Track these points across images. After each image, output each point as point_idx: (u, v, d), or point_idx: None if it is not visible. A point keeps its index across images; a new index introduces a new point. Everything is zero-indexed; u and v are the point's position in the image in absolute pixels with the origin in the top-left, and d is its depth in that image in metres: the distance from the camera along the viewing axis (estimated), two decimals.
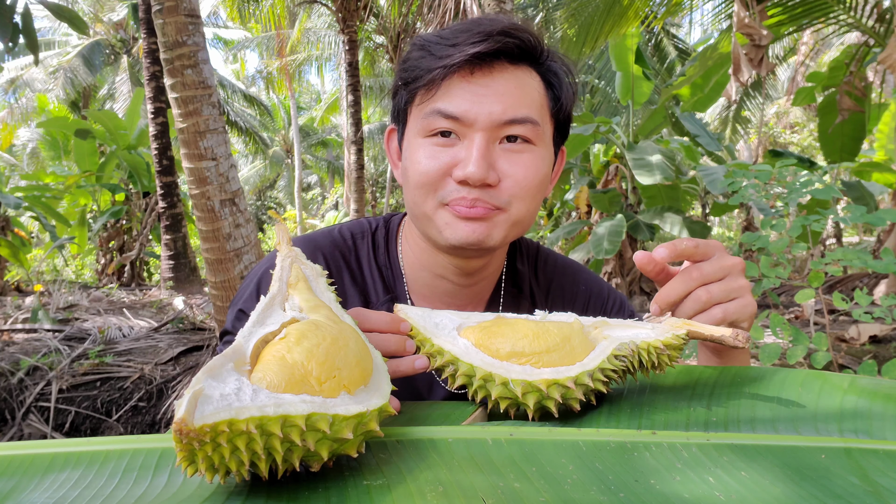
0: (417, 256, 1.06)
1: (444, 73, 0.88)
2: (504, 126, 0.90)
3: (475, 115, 0.88)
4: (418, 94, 0.93)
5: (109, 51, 19.05)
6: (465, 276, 1.04)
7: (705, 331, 0.68)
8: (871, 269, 2.21)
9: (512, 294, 1.13)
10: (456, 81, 0.89)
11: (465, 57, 0.87)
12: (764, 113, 14.08)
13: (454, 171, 0.90)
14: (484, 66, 0.89)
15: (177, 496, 0.50)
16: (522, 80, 0.92)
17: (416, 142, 0.93)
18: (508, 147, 0.91)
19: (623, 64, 7.10)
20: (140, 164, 10.38)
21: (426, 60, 0.91)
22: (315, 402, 0.49)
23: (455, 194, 0.90)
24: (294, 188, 22.46)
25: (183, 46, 4.56)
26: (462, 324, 0.73)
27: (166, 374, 4.55)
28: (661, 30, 11.53)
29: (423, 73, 0.91)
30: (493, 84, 0.90)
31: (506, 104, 0.89)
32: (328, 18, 17.73)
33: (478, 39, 0.88)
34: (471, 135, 0.89)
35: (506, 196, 0.91)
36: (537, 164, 0.93)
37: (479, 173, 0.87)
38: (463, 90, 0.89)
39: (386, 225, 1.13)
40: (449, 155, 0.90)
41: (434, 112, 0.90)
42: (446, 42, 0.90)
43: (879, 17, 5.49)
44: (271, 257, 1.05)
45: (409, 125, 0.96)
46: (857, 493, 0.48)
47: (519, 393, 0.63)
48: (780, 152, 7.33)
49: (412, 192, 0.94)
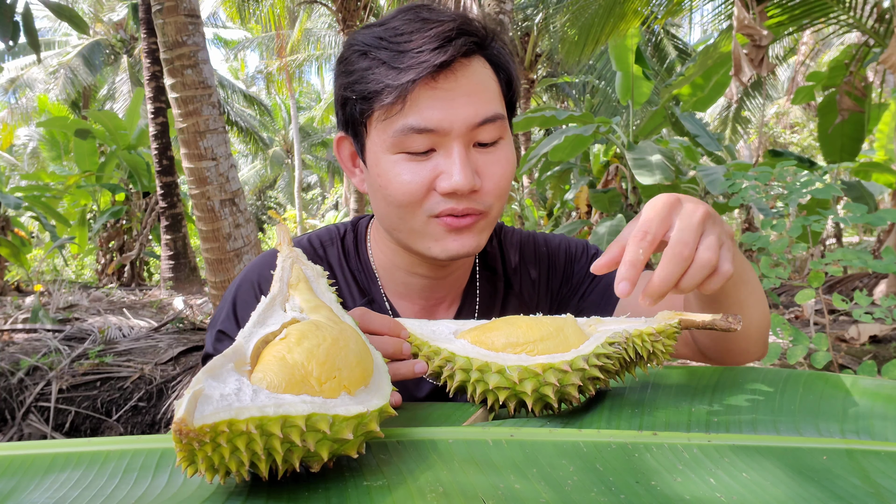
0: (389, 258, 1.05)
1: (409, 88, 0.83)
2: (477, 128, 0.87)
3: (450, 123, 0.85)
4: (377, 110, 0.87)
5: (109, 51, 19.05)
6: (440, 269, 1.03)
7: (697, 318, 0.68)
8: (871, 269, 2.21)
9: (486, 277, 1.13)
10: (421, 91, 0.84)
11: (431, 70, 0.82)
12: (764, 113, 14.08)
13: (438, 183, 0.87)
14: (446, 70, 0.85)
15: (177, 496, 0.50)
16: (480, 73, 0.89)
17: (387, 158, 0.89)
18: (481, 149, 0.90)
19: (623, 64, 7.10)
20: (140, 164, 10.38)
21: (381, 72, 0.85)
22: (315, 402, 0.49)
23: (443, 206, 0.88)
24: (294, 188, 22.47)
25: (183, 46, 4.56)
26: (458, 329, 0.75)
27: (166, 374, 4.55)
28: (661, 30, 11.53)
29: (381, 87, 0.85)
30: (457, 87, 0.86)
31: (476, 105, 0.86)
32: (328, 18, 17.74)
33: (437, 45, 0.83)
34: (447, 144, 0.86)
35: (489, 199, 0.90)
36: (509, 158, 0.92)
37: (467, 183, 0.85)
38: (431, 99, 0.85)
39: (354, 229, 1.12)
40: (429, 168, 0.87)
41: (405, 129, 0.85)
42: (395, 47, 0.85)
43: (879, 17, 5.49)
44: (247, 273, 1.05)
45: (370, 138, 0.91)
46: (859, 495, 0.48)
47: (516, 379, 0.63)
48: (780, 152, 7.33)
49: (393, 210, 0.91)
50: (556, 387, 0.62)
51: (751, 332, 0.92)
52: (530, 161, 7.63)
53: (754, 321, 0.92)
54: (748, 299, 0.89)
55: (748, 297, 0.89)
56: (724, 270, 0.68)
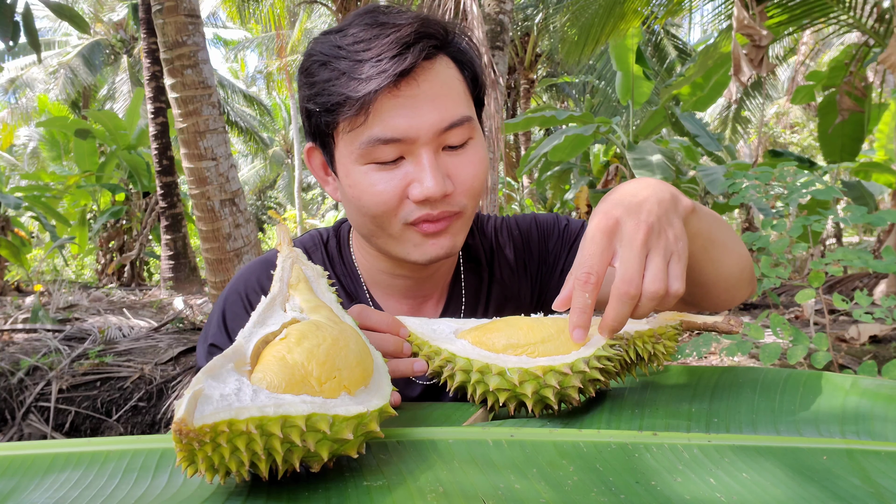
0: (371, 262, 1.05)
1: (371, 99, 0.81)
2: (445, 133, 0.86)
3: (416, 131, 0.84)
4: (341, 121, 0.85)
5: (109, 51, 19.05)
6: (423, 270, 1.03)
7: (699, 320, 0.68)
8: (871, 268, 2.21)
9: (471, 269, 1.13)
10: (384, 101, 0.83)
11: (392, 79, 0.81)
12: (764, 113, 14.07)
13: (411, 191, 0.86)
14: (408, 77, 0.83)
15: (177, 497, 0.50)
16: (443, 75, 0.87)
17: (356, 169, 0.88)
18: (451, 152, 0.89)
19: (623, 64, 7.11)
20: (140, 164, 10.38)
21: (342, 83, 0.83)
22: (315, 402, 0.49)
23: (418, 213, 0.87)
24: (294, 188, 22.47)
25: (183, 46, 4.56)
26: (459, 328, 0.75)
27: (166, 374, 4.55)
28: (661, 30, 11.53)
29: (343, 98, 0.83)
30: (420, 93, 0.84)
31: (441, 110, 0.85)
32: (328, 18, 17.73)
33: (397, 52, 0.81)
34: (416, 151, 0.85)
35: (462, 199, 0.90)
36: (481, 157, 0.92)
37: (438, 188, 0.84)
38: (394, 108, 0.83)
39: (336, 234, 1.12)
40: (399, 176, 0.86)
41: (372, 141, 0.84)
42: (354, 56, 0.83)
43: (879, 17, 5.49)
44: (234, 284, 1.05)
45: (338, 149, 0.90)
46: (859, 495, 0.48)
47: (516, 381, 0.63)
48: (779, 152, 7.33)
49: (368, 219, 0.91)
50: (557, 389, 0.62)
51: (730, 281, 0.93)
52: (530, 161, 7.63)
53: (732, 271, 0.92)
54: (721, 257, 0.89)
55: (720, 255, 0.89)
56: (675, 290, 0.67)
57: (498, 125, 4.41)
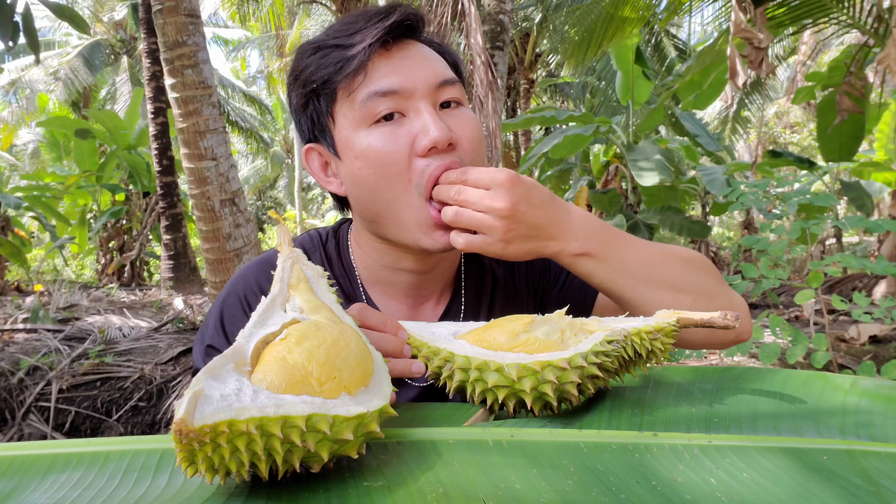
0: (373, 258, 1.04)
1: (367, 54, 0.87)
2: (440, 89, 0.90)
3: (412, 83, 0.88)
4: (340, 89, 0.90)
5: (109, 51, 19.03)
6: (426, 263, 1.03)
7: (695, 316, 0.69)
8: (869, 270, 2.22)
9: (473, 271, 1.12)
10: (377, 62, 0.88)
11: (384, 30, 0.87)
12: (764, 113, 14.07)
13: (418, 143, 0.87)
14: (398, 42, 0.90)
15: (177, 497, 0.50)
16: (427, 51, 0.94)
17: (358, 134, 0.90)
18: (447, 111, 0.92)
19: (623, 64, 7.11)
20: (140, 164, 10.38)
21: (336, 53, 0.89)
22: (315, 402, 0.49)
23: (430, 168, 0.88)
24: (294, 188, 22.47)
25: (183, 46, 4.56)
26: (458, 331, 0.75)
27: (166, 374, 4.55)
28: (661, 30, 11.53)
29: (339, 63, 0.88)
30: (410, 55, 0.91)
31: (433, 67, 0.91)
32: (327, 18, 17.73)
33: (381, 15, 0.89)
34: (414, 105, 0.89)
35: (466, 156, 0.92)
36: (475, 120, 0.95)
37: (444, 134, 0.86)
38: (388, 66, 0.89)
39: (335, 235, 1.11)
40: (405, 132, 0.88)
41: (370, 96, 0.87)
42: (344, 33, 0.90)
43: (878, 18, 5.49)
44: (232, 285, 1.05)
45: (338, 126, 0.92)
46: (860, 494, 0.48)
47: (514, 376, 0.63)
48: (779, 153, 7.33)
49: (384, 189, 0.90)
50: (555, 384, 0.62)
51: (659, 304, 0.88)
52: (530, 160, 7.63)
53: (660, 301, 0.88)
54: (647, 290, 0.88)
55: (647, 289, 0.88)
56: None
57: (497, 125, 4.40)
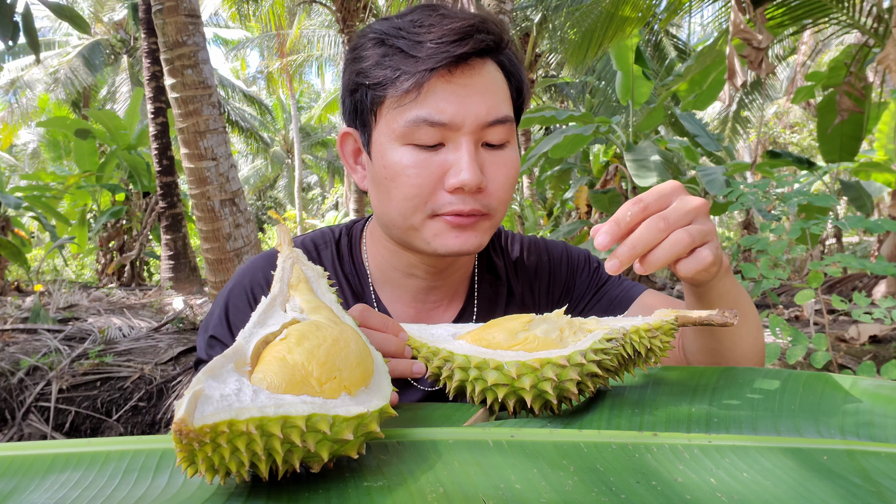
0: (386, 259, 1.03)
1: (426, 77, 0.83)
2: (488, 128, 0.87)
3: (462, 118, 0.85)
4: (390, 97, 0.86)
5: (109, 51, 19.03)
6: (438, 271, 1.02)
7: (693, 314, 0.69)
8: (869, 270, 2.22)
9: (488, 281, 1.11)
10: (437, 83, 0.84)
11: (450, 60, 0.82)
12: (764, 113, 14.08)
13: (447, 179, 0.86)
14: (463, 65, 0.85)
15: (177, 497, 0.50)
16: (493, 75, 0.89)
17: (394, 147, 0.87)
18: (488, 150, 0.89)
19: (623, 64, 7.11)
20: (140, 164, 10.38)
21: (398, 59, 0.85)
22: (315, 402, 0.49)
23: (449, 207, 0.87)
24: (294, 188, 22.47)
25: (183, 46, 4.56)
26: (457, 332, 0.75)
27: (166, 374, 4.55)
28: (661, 30, 11.54)
29: (398, 73, 0.84)
30: (472, 84, 0.85)
31: (488, 104, 0.86)
32: (327, 18, 17.74)
33: (456, 38, 0.83)
34: (457, 139, 0.86)
35: (493, 201, 0.89)
36: (515, 162, 0.92)
37: (475, 179, 0.84)
38: (446, 93, 0.84)
39: (349, 232, 1.11)
40: (437, 163, 0.86)
41: (418, 120, 0.84)
42: (413, 37, 0.85)
43: (878, 18, 5.49)
44: (239, 277, 1.04)
45: (378, 128, 0.89)
46: (861, 494, 0.48)
47: (514, 374, 0.63)
48: (778, 153, 7.33)
49: (396, 204, 0.90)
50: (555, 382, 0.63)
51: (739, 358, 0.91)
52: (530, 160, 7.63)
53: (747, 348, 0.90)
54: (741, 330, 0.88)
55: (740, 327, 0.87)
56: (703, 256, 0.68)
57: None
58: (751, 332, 0.90)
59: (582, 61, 7.65)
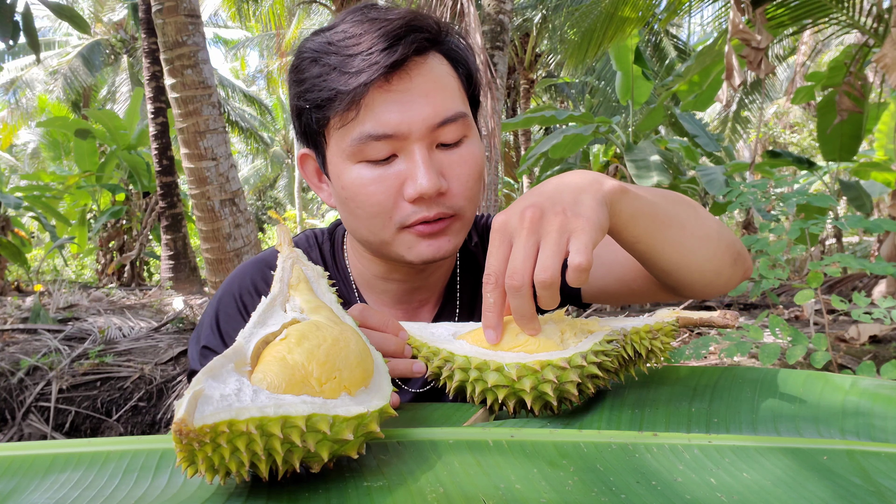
0: (365, 265, 1.03)
1: (362, 93, 0.80)
2: (438, 129, 0.84)
3: (408, 126, 0.82)
4: (332, 118, 0.84)
5: (109, 51, 19.04)
6: (417, 274, 1.02)
7: (695, 316, 0.69)
8: (869, 271, 2.22)
9: (468, 274, 1.10)
10: (375, 95, 0.81)
11: (382, 71, 0.79)
12: (763, 113, 14.08)
13: (405, 190, 0.84)
14: (399, 71, 0.81)
15: (177, 497, 0.50)
16: (436, 71, 0.85)
17: (347, 167, 0.86)
18: (445, 150, 0.87)
19: (623, 64, 7.11)
20: (140, 164, 10.39)
21: (332, 78, 0.82)
22: (315, 402, 0.49)
23: (414, 216, 0.85)
24: (294, 188, 22.47)
25: (183, 46, 4.56)
26: (458, 331, 0.75)
27: (166, 374, 4.54)
28: (661, 30, 11.54)
29: (333, 93, 0.82)
30: (413, 87, 0.82)
31: (435, 104, 0.83)
32: (327, 17, 17.73)
33: (387, 44, 0.80)
34: (408, 147, 0.83)
35: (459, 201, 0.88)
36: (475, 156, 0.90)
37: (433, 186, 0.82)
38: (386, 102, 0.81)
39: (331, 237, 1.10)
40: (393, 175, 0.84)
41: (364, 137, 0.82)
42: (344, 51, 0.82)
43: (878, 17, 5.49)
44: (227, 285, 1.04)
45: (330, 148, 0.88)
46: (861, 494, 0.48)
47: (514, 376, 0.63)
48: (778, 153, 7.33)
49: (362, 222, 0.89)
50: (555, 383, 0.63)
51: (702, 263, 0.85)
52: (529, 160, 7.64)
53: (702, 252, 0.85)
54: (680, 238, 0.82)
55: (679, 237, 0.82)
56: (577, 264, 0.63)
57: (496, 125, 4.41)
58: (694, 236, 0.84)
59: (581, 61, 7.66)
